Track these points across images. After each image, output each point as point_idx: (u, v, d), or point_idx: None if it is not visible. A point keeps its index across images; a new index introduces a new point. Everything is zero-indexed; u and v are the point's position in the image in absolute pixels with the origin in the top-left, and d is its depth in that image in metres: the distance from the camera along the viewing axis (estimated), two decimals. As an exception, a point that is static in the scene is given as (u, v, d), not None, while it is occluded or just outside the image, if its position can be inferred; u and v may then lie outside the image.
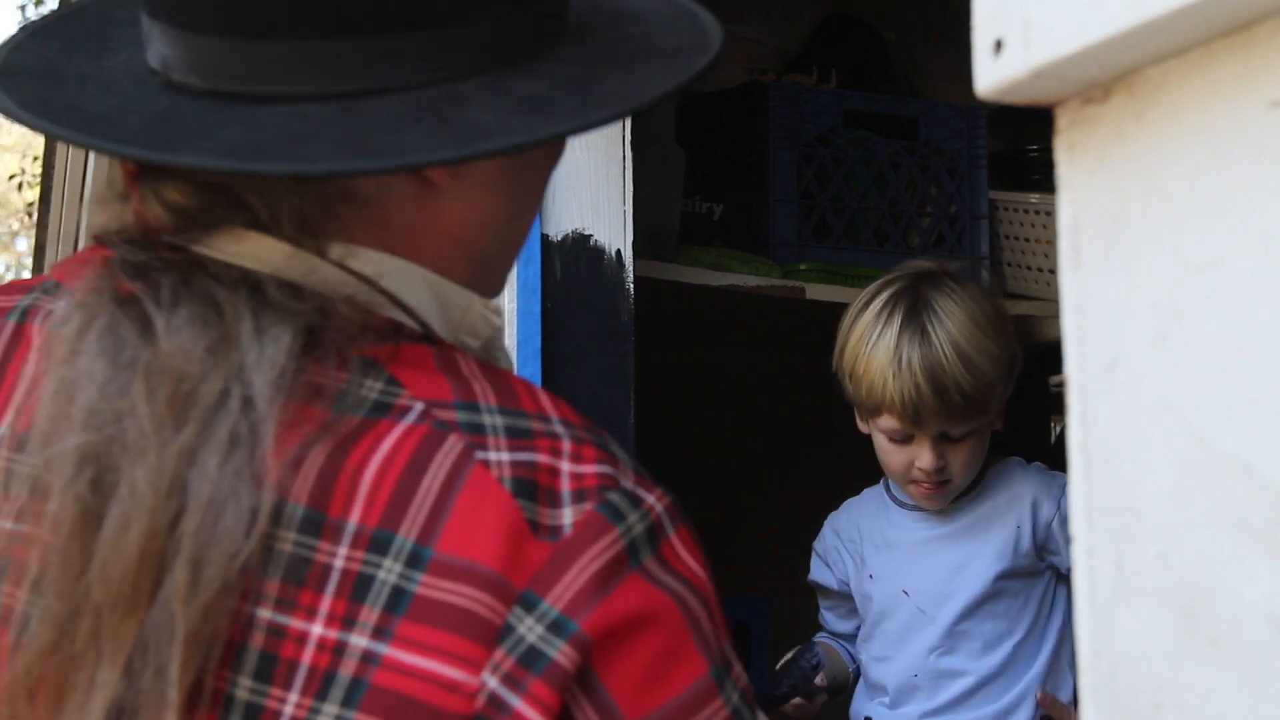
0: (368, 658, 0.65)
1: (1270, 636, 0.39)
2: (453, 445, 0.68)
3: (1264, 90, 0.40)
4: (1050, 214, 1.90)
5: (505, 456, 0.68)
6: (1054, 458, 1.93)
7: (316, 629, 0.66)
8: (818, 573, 1.74)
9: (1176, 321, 0.43)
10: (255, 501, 0.66)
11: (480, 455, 0.68)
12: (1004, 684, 1.54)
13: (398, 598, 0.66)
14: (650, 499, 0.70)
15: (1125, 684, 0.44)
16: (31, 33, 0.81)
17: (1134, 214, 0.44)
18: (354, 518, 0.67)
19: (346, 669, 0.65)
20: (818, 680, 1.63)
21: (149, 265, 0.71)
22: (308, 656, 0.66)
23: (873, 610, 1.63)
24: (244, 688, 0.66)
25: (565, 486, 0.68)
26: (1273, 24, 0.39)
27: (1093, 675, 0.45)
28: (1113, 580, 0.45)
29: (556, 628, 0.65)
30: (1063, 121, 0.47)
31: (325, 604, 0.66)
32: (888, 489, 1.69)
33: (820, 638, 1.76)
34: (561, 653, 0.65)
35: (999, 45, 0.45)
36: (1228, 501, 0.41)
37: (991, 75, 0.46)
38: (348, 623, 0.66)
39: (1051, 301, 1.89)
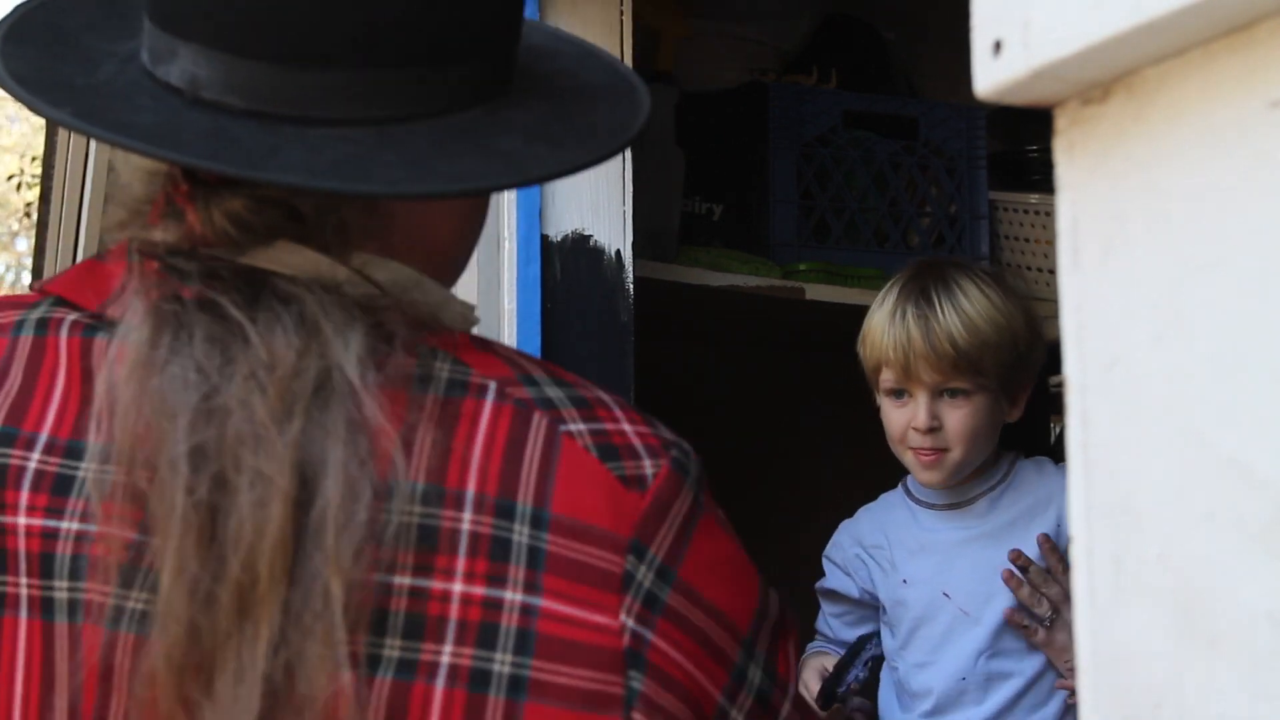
0: (527, 610, 0.74)
1: (1269, 636, 0.39)
2: (539, 421, 0.78)
3: (1264, 90, 0.40)
4: (1050, 214, 1.90)
5: (581, 427, 0.79)
6: (1054, 458, 1.92)
7: (458, 587, 0.74)
8: (835, 581, 1.72)
9: (1176, 321, 0.43)
10: (381, 480, 0.73)
11: (563, 429, 0.78)
12: (1050, 682, 1.54)
13: (535, 556, 0.75)
14: (687, 445, 0.81)
15: (1124, 684, 0.44)
16: (4, 37, 0.83)
17: (1133, 214, 0.44)
18: (471, 488, 0.75)
19: (509, 621, 0.74)
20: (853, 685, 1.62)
21: (209, 273, 0.77)
22: (454, 612, 0.74)
23: (908, 616, 1.61)
24: (392, 648, 0.73)
25: (635, 442, 0.79)
26: (1272, 24, 0.39)
27: (1092, 675, 0.45)
28: (1112, 580, 0.45)
29: (663, 574, 0.77)
30: (1062, 122, 0.47)
31: (461, 564, 0.74)
32: (908, 493, 1.68)
33: (818, 647, 1.74)
34: (672, 596, 0.77)
35: (998, 46, 0.45)
36: (1227, 501, 0.41)
37: (991, 76, 0.46)
38: (494, 580, 0.74)
39: (1051, 301, 1.89)
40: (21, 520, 0.76)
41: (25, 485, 0.77)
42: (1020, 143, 2.14)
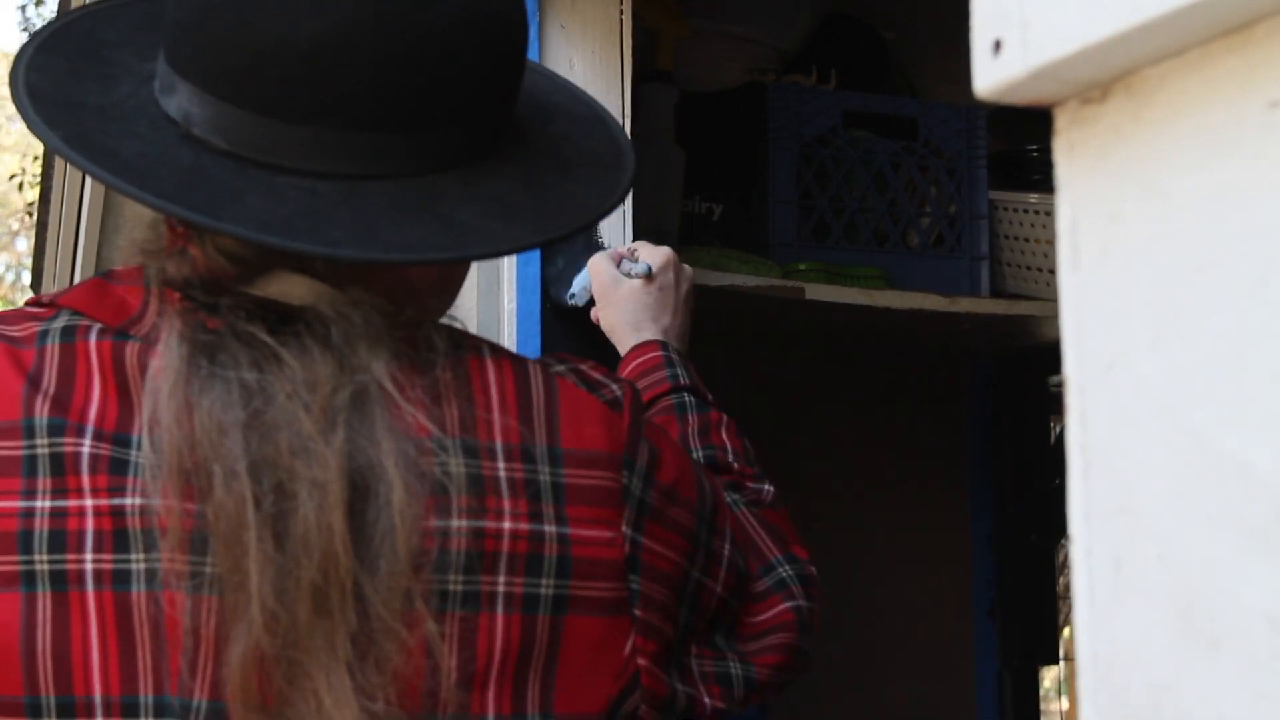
0: (562, 540, 0.86)
1: (1269, 637, 0.39)
2: (533, 368, 0.90)
3: (1263, 90, 0.40)
4: (1050, 214, 1.90)
5: (563, 368, 0.92)
6: (1054, 458, 1.92)
7: (507, 524, 0.85)
8: None
9: (1176, 322, 0.43)
10: (427, 452, 0.83)
11: (553, 370, 0.91)
12: None
13: (558, 491, 0.86)
14: None
15: (1124, 684, 0.44)
16: (38, 47, 0.90)
17: (1133, 214, 0.44)
18: (498, 439, 0.86)
19: (550, 551, 0.86)
20: None
21: (234, 304, 0.84)
22: (506, 546, 0.85)
23: None
24: (455, 582, 0.83)
25: (598, 375, 0.93)
26: (1271, 24, 0.39)
27: (1091, 675, 0.45)
28: (1111, 581, 0.45)
29: (646, 480, 0.91)
30: (1061, 122, 0.47)
31: (507, 505, 0.85)
32: None
33: None
34: (654, 498, 0.91)
35: (998, 45, 0.45)
36: (1227, 502, 0.41)
37: (990, 75, 0.46)
38: (534, 516, 0.85)
39: (1051, 301, 1.89)
40: (88, 502, 0.82)
41: (84, 469, 0.82)
42: (1021, 142, 2.14)
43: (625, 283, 1.34)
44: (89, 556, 0.81)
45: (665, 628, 0.92)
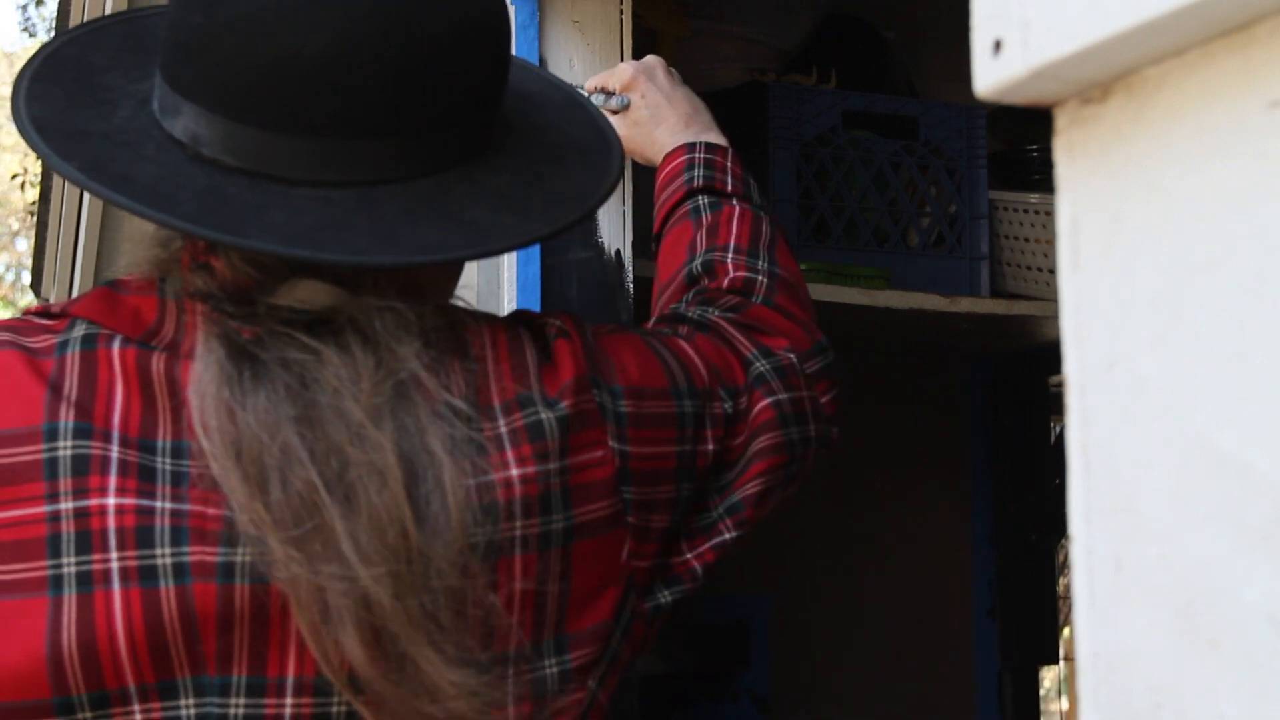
0: (562, 472, 0.91)
1: (1270, 637, 0.39)
2: (521, 327, 0.96)
3: (1263, 90, 0.40)
4: (1050, 214, 1.89)
5: (539, 323, 0.98)
6: (1054, 458, 1.92)
7: (514, 471, 0.89)
8: None
9: (1176, 322, 0.43)
10: (465, 446, 0.87)
11: (518, 325, 0.96)
12: None
13: (557, 425, 0.91)
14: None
15: (1124, 684, 0.44)
16: (33, 77, 0.92)
17: (1133, 214, 0.44)
18: (496, 401, 0.90)
19: (554, 487, 0.90)
20: None
21: (267, 311, 0.87)
22: (518, 491, 0.88)
23: None
24: (481, 534, 0.86)
25: (543, 317, 0.99)
26: (1272, 24, 0.39)
27: (1092, 675, 0.45)
28: (1112, 580, 0.45)
29: (613, 393, 0.95)
30: (1062, 122, 0.47)
31: (510, 455, 0.89)
32: None
33: None
34: (626, 405, 0.95)
35: (998, 45, 0.45)
36: (1228, 501, 0.41)
37: (990, 75, 0.46)
38: (539, 457, 0.90)
39: (1051, 301, 1.89)
40: (111, 501, 0.82)
41: (112, 471, 0.83)
42: (1021, 142, 2.14)
43: (619, 120, 1.33)
44: (114, 555, 0.82)
45: (660, 520, 0.96)
